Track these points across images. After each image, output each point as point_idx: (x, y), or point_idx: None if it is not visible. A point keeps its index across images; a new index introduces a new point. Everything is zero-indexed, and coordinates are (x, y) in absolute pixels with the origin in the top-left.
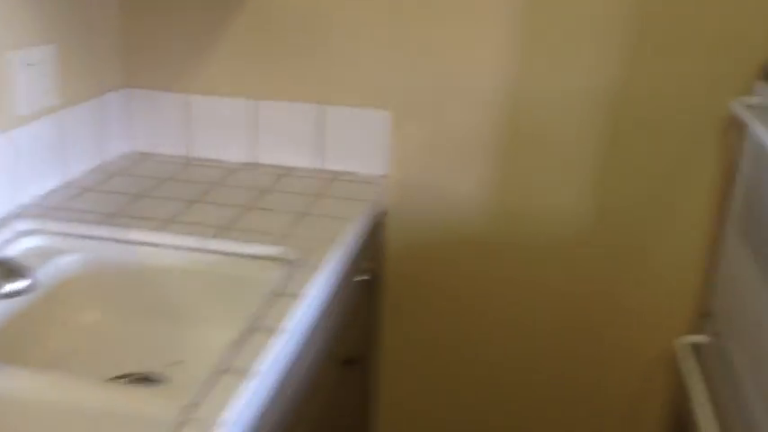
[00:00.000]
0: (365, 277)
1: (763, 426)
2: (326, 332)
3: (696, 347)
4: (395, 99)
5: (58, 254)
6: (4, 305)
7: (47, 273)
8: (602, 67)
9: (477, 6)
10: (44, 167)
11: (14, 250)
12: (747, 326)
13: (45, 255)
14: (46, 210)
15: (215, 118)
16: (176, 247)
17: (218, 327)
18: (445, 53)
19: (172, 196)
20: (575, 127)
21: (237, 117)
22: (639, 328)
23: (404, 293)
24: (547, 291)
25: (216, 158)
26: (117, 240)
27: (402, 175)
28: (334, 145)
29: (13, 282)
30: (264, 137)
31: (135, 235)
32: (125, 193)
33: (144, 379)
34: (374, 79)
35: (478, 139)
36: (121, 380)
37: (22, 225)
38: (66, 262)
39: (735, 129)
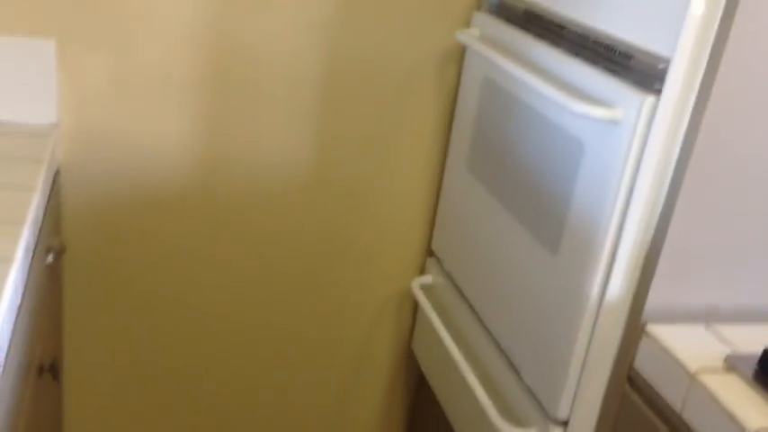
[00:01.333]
0: (49, 260)
1: (487, 355)
2: (16, 337)
3: (429, 287)
4: (62, 23)
5: None
6: None
7: None
8: (318, 3)
9: None
10: None
11: None
12: (476, 259)
13: None
14: None
15: None
16: None
17: None
18: None
19: None
20: (291, 68)
21: None
22: (374, 271)
23: (88, 277)
24: (273, 245)
25: None
26: None
27: (78, 122)
28: None
29: None
30: None
31: None
32: None
33: None
34: None
35: (179, 77)
36: None
37: None
38: None
39: (454, 62)
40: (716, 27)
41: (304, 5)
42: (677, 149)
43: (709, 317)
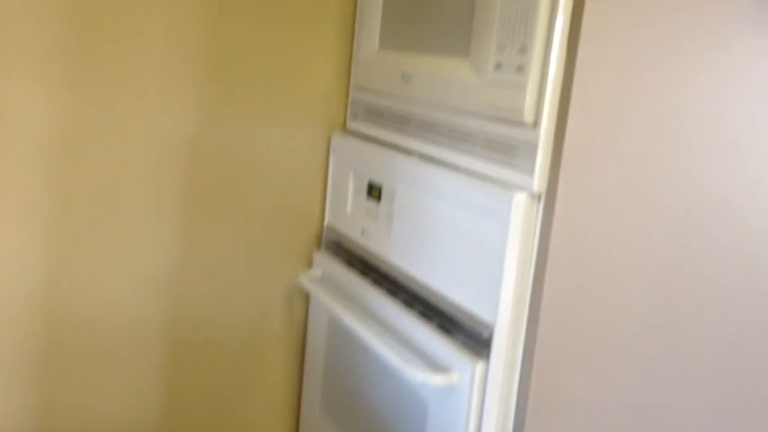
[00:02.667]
0: None
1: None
2: None
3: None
4: None
5: None
6: None
7: None
8: (156, 259)
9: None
10: None
11: None
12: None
13: None
14: None
15: None
16: None
17: None
18: None
19: None
20: (132, 327)
21: None
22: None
23: None
24: None
25: None
26: None
27: None
28: None
29: None
30: None
31: None
32: None
33: None
34: None
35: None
36: None
37: None
38: None
39: (301, 299)
40: (528, 294)
41: (142, 260)
42: (512, 407)
43: None
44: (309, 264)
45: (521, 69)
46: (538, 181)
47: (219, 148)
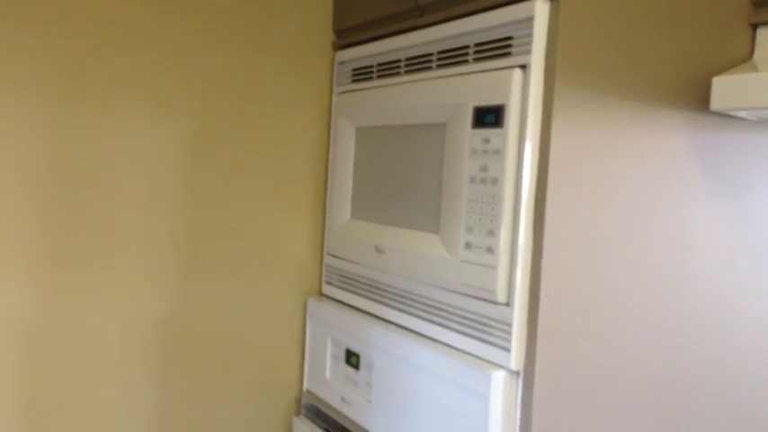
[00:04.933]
0: None
1: None
2: None
3: None
4: None
5: None
6: None
7: None
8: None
9: None
10: None
11: None
12: None
13: None
14: None
15: None
16: None
17: None
18: None
19: None
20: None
21: None
22: None
23: None
24: None
25: None
26: None
27: None
28: None
29: None
30: None
31: None
32: None
33: None
34: None
35: None
36: None
37: None
38: None
39: None
40: None
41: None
42: None
43: None
44: (288, 430)
45: (490, 251)
46: (515, 359)
47: (197, 322)
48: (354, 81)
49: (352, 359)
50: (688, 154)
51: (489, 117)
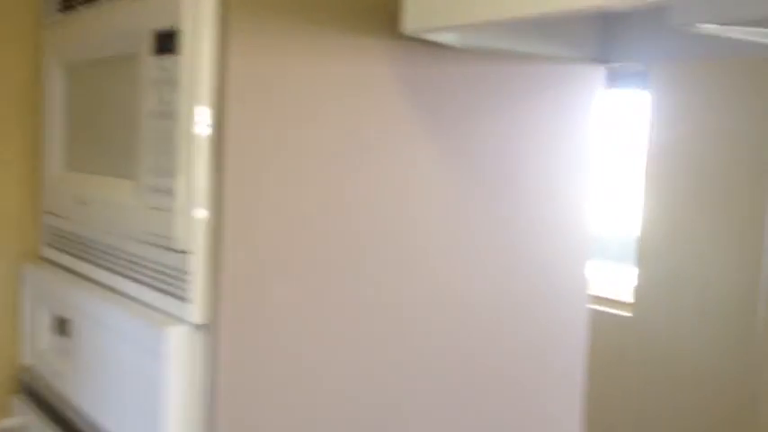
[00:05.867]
0: None
1: None
2: None
3: None
4: None
5: None
6: None
7: None
8: None
9: None
10: None
11: None
12: None
13: None
14: None
15: None
16: None
17: None
18: None
19: None
20: None
21: None
22: None
23: None
24: None
25: None
26: None
27: None
28: None
29: None
30: None
31: None
32: None
33: None
34: None
35: None
36: None
37: None
38: None
39: None
40: None
41: None
42: None
43: None
44: (6, 411)
45: (170, 194)
46: (199, 312)
47: None
48: (60, 10)
49: (64, 327)
50: (397, 88)
51: (168, 43)
